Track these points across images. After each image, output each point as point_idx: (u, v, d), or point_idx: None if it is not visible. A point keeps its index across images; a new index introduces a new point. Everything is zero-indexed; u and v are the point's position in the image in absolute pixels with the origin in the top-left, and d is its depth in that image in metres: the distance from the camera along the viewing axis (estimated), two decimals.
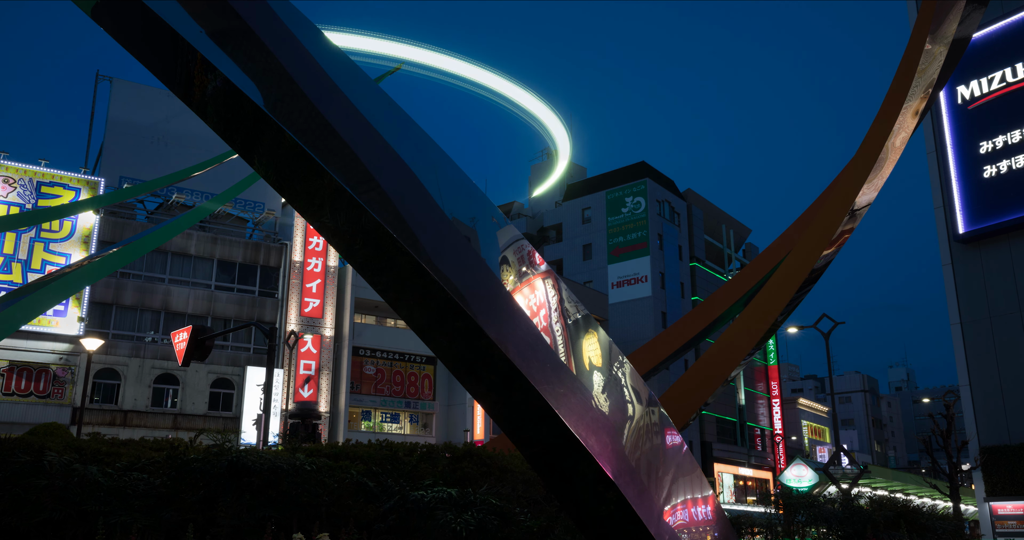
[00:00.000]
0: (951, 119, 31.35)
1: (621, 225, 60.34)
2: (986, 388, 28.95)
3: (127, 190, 33.38)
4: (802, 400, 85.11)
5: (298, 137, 4.49)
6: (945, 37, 10.87)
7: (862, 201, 12.23)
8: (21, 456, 8.80)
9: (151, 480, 9.06)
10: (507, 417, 5.25)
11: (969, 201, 30.26)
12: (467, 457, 11.90)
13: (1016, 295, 28.84)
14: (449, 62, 39.51)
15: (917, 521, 15.67)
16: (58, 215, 31.31)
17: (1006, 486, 27.66)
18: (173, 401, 35.42)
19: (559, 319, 5.87)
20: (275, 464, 9.27)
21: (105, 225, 35.00)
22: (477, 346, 4.75)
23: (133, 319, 35.83)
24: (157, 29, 4.64)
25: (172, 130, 40.28)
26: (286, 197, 4.89)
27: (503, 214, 6.13)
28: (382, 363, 41.72)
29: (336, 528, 9.20)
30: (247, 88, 4.56)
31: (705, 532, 6.71)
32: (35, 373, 32.38)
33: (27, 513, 8.39)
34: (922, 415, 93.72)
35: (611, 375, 6.12)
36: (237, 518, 8.88)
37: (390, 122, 5.56)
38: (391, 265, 4.65)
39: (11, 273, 32.26)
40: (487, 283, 5.28)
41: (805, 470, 30.70)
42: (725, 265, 69.54)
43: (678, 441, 6.75)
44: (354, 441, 13.79)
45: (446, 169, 5.70)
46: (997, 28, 30.67)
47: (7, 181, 33.15)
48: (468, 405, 41.57)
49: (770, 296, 13.44)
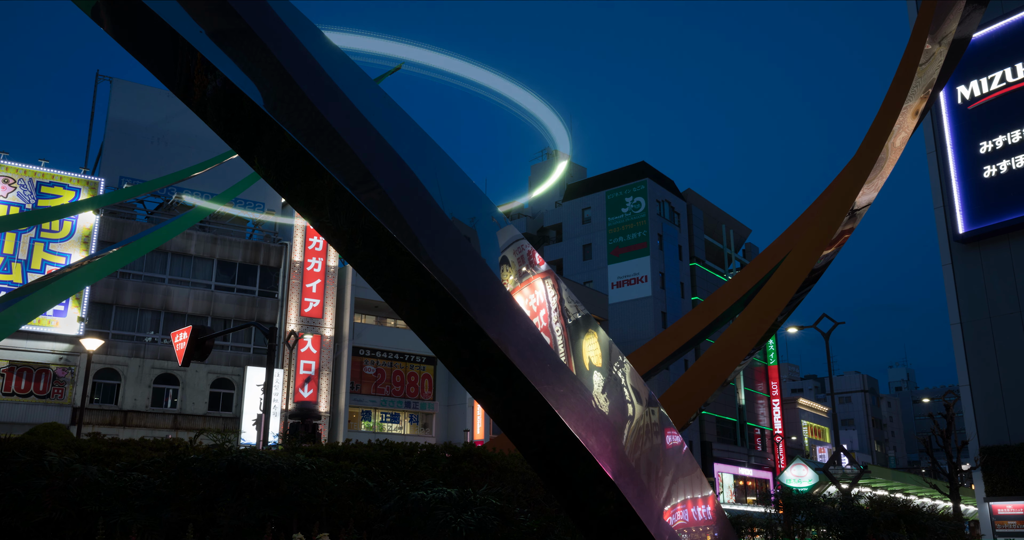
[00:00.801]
0: (951, 119, 31.35)
1: (621, 225, 60.34)
2: (986, 388, 28.95)
3: (127, 190, 33.39)
4: (802, 400, 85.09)
5: (298, 137, 4.49)
6: (945, 37, 10.87)
7: (862, 201, 12.23)
8: (21, 456, 8.80)
9: (151, 480, 9.06)
10: (507, 417, 5.25)
11: (969, 201, 30.26)
12: (467, 457, 11.89)
13: (1016, 295, 28.83)
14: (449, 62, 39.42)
15: (917, 521, 15.68)
16: (58, 215, 31.31)
17: (1006, 486, 27.65)
18: (173, 401, 35.42)
19: (559, 319, 5.86)
20: (275, 464, 9.27)
21: (105, 225, 35.00)
22: (477, 346, 4.75)
23: (133, 319, 35.83)
24: (157, 29, 4.64)
25: (172, 130, 40.28)
26: (286, 197, 4.88)
27: (503, 214, 6.13)
28: (382, 363, 41.72)
29: (336, 528, 9.20)
30: (247, 88, 4.56)
31: (705, 532, 6.71)
32: (35, 373, 32.38)
33: (27, 513, 8.39)
34: (922, 415, 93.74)
35: (611, 375, 6.11)
36: (237, 518, 8.88)
37: (390, 122, 5.56)
38: (391, 265, 4.65)
39: (11, 273, 32.27)
40: (487, 283, 5.28)
41: (805, 470, 30.72)
42: (725, 265, 69.54)
43: (678, 441, 6.75)
44: (354, 441, 13.78)
45: (446, 169, 5.70)
46: (997, 28, 30.67)
47: (7, 181, 33.16)
48: (468, 405, 41.56)
49: (770, 296, 13.44)
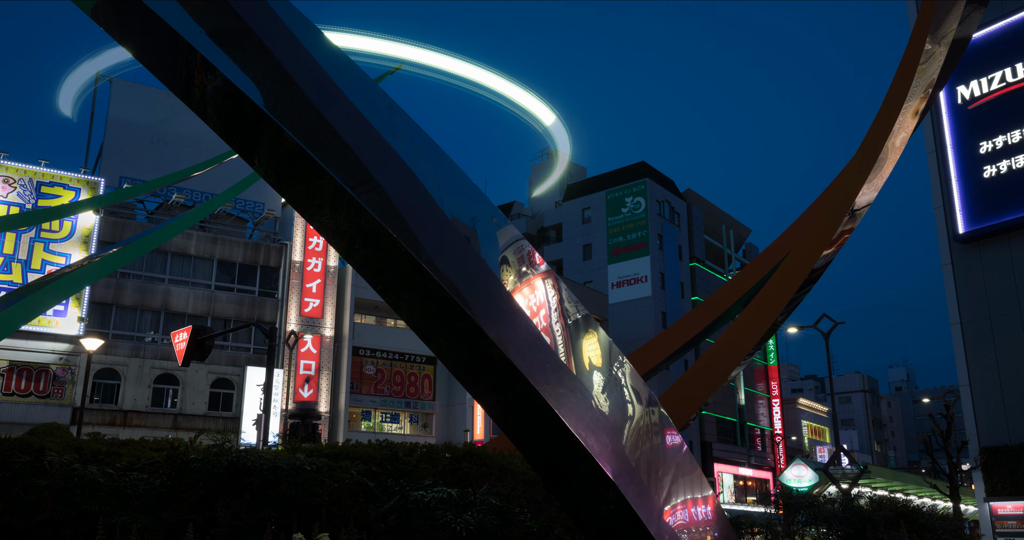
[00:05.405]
0: (951, 119, 31.34)
1: (621, 225, 60.35)
2: (986, 388, 28.94)
3: (127, 190, 33.38)
4: (802, 400, 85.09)
5: (298, 137, 4.49)
6: (945, 37, 10.87)
7: (862, 201, 12.22)
8: (21, 456, 8.79)
9: (151, 480, 9.06)
10: (507, 417, 5.25)
11: (969, 201, 30.25)
12: (467, 457, 11.89)
13: (1016, 295, 28.83)
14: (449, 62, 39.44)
15: (917, 521, 15.67)
16: (58, 215, 31.31)
17: (1006, 486, 27.64)
18: (173, 401, 35.42)
19: (559, 319, 5.86)
20: (275, 464, 9.27)
21: (105, 225, 35.00)
22: (477, 346, 4.75)
23: (133, 319, 35.83)
24: (157, 29, 4.64)
25: (172, 130, 40.27)
26: (286, 197, 4.89)
27: (503, 214, 6.13)
28: (382, 363, 41.72)
29: (336, 528, 9.20)
30: (247, 88, 4.56)
31: (705, 532, 6.71)
32: (35, 373, 32.38)
33: (27, 513, 8.39)
34: (922, 415, 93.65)
35: (611, 375, 6.11)
36: (237, 518, 8.88)
37: (390, 122, 5.56)
38: (391, 265, 4.65)
39: (11, 273, 32.27)
40: (487, 283, 5.28)
41: (805, 470, 30.73)
42: (725, 265, 69.55)
43: (678, 441, 6.75)
44: (354, 441, 13.78)
45: (446, 169, 5.70)
46: (997, 28, 30.67)
47: (7, 181, 33.16)
48: (468, 405, 41.57)
49: (770, 296, 13.44)
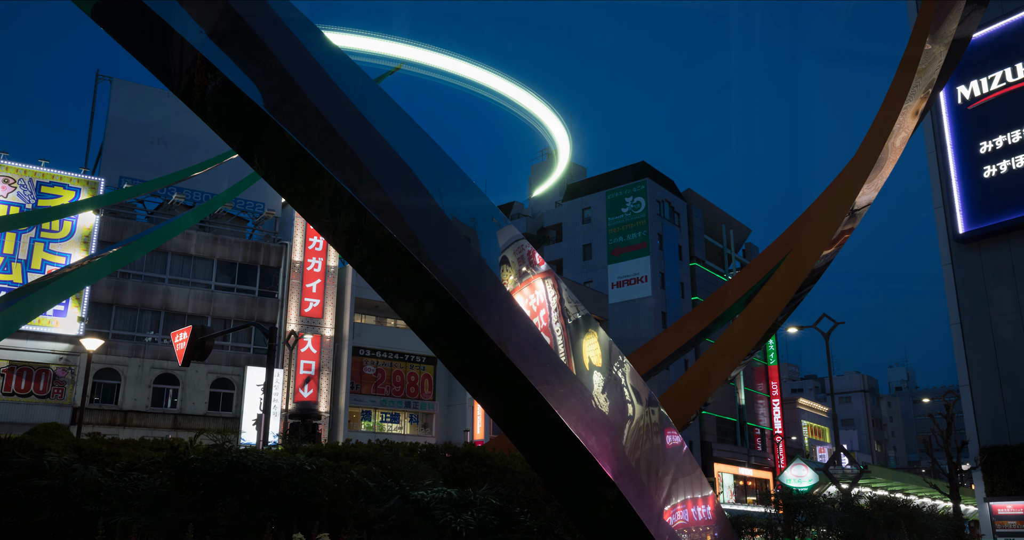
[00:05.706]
0: (951, 119, 31.34)
1: (621, 225, 60.35)
2: (986, 388, 28.93)
3: (127, 190, 33.38)
4: (802, 400, 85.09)
5: (298, 137, 4.49)
6: (945, 37, 10.87)
7: (862, 201, 12.23)
8: (21, 456, 8.79)
9: (151, 480, 9.06)
10: (507, 417, 5.25)
11: (969, 201, 30.25)
12: (467, 457, 11.90)
13: (1016, 295, 28.83)
14: (449, 62, 39.45)
15: (917, 521, 15.70)
16: (58, 215, 31.30)
17: (1006, 486, 27.64)
18: (173, 401, 35.42)
19: (559, 319, 5.86)
20: (275, 464, 9.27)
21: (105, 225, 35.00)
22: (477, 346, 4.75)
23: (133, 319, 35.83)
24: (157, 29, 4.64)
25: (172, 130, 40.27)
26: (286, 197, 4.89)
27: (503, 214, 6.13)
28: (382, 363, 41.72)
29: (336, 528, 9.20)
30: (247, 88, 4.56)
31: (705, 532, 6.71)
32: (35, 373, 32.38)
33: (27, 513, 8.39)
34: (922, 415, 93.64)
35: (611, 375, 6.11)
36: (237, 518, 8.88)
37: (390, 122, 5.56)
38: (391, 265, 4.65)
39: (11, 273, 32.27)
40: (487, 283, 5.28)
41: (805, 470, 30.71)
42: (725, 265, 69.54)
43: (678, 441, 6.75)
44: (354, 441, 13.79)
45: (446, 169, 5.70)
46: (997, 28, 30.66)
47: (7, 181, 33.16)
48: (468, 405, 41.57)
49: (770, 296, 13.45)
